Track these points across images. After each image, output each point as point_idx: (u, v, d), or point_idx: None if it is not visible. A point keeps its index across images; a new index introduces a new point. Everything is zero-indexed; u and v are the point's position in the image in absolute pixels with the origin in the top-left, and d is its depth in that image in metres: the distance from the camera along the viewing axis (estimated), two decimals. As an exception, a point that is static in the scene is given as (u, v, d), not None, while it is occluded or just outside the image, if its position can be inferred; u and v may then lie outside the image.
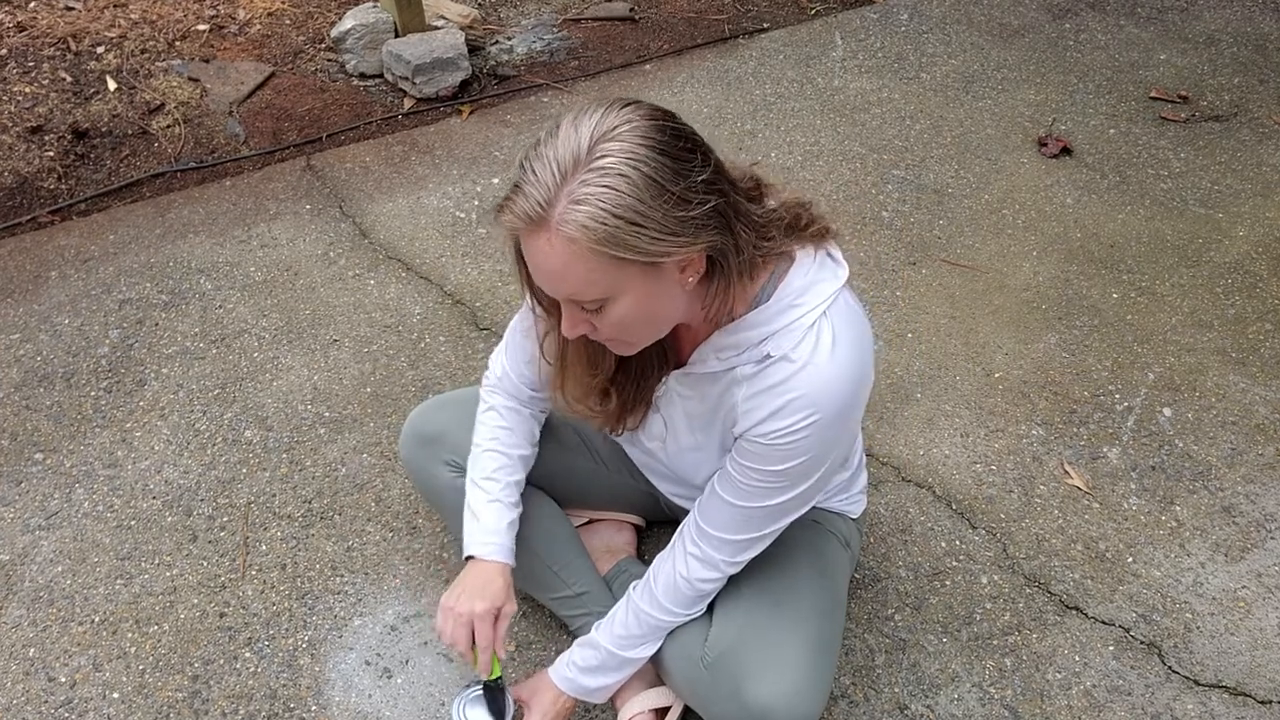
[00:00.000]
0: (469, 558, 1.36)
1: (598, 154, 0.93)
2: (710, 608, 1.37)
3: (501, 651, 1.35)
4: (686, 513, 1.58)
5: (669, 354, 1.25)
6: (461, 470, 1.45)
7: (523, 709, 1.41)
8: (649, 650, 1.35)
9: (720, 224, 1.00)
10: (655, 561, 1.34)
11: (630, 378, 1.25)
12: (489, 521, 1.36)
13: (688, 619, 1.33)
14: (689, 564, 1.28)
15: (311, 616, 1.64)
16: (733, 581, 1.36)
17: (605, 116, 0.96)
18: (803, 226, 1.13)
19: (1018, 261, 2.42)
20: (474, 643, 1.32)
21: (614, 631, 1.35)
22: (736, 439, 1.18)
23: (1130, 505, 1.84)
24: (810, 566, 1.36)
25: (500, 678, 1.38)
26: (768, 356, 1.10)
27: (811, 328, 1.09)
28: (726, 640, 1.28)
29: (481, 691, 1.43)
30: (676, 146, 0.96)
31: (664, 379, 1.26)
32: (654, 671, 1.47)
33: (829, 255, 1.15)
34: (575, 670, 1.37)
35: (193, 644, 1.60)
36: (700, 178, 0.97)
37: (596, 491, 1.60)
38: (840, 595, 1.39)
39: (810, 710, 1.26)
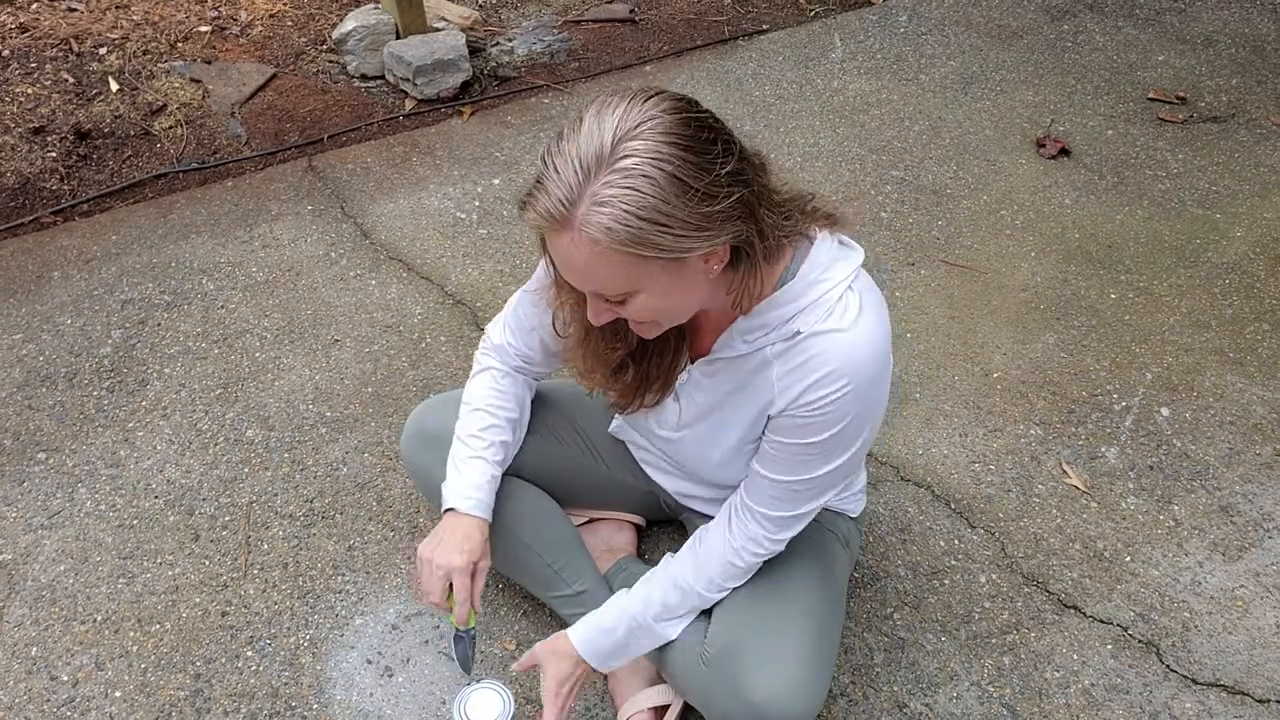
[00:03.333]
0: (448, 510, 1.35)
1: (621, 153, 0.92)
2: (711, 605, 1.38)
3: (478, 605, 1.34)
4: (687, 512, 1.59)
5: (690, 342, 1.26)
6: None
7: (538, 669, 1.36)
8: (680, 627, 1.33)
9: (745, 213, 0.99)
10: (697, 541, 1.32)
11: (648, 353, 1.26)
12: (471, 476, 1.36)
13: (720, 598, 1.32)
14: (735, 538, 1.27)
15: (313, 615, 1.65)
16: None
17: (629, 112, 0.94)
18: (812, 210, 1.14)
19: (1016, 262, 2.43)
20: (449, 596, 1.32)
21: (650, 606, 1.31)
22: (771, 419, 1.18)
23: (1128, 505, 1.85)
24: (810, 565, 1.36)
25: (474, 629, 1.37)
26: (796, 334, 1.11)
27: (840, 300, 1.10)
28: (726, 637, 1.29)
29: (482, 688, 1.43)
30: (701, 140, 0.95)
31: (686, 369, 1.27)
32: (653, 670, 1.48)
33: (840, 241, 1.16)
34: (598, 633, 1.32)
35: (194, 643, 1.61)
36: (725, 170, 0.96)
37: (597, 490, 1.61)
38: (840, 594, 1.40)
39: (809, 707, 1.27)
